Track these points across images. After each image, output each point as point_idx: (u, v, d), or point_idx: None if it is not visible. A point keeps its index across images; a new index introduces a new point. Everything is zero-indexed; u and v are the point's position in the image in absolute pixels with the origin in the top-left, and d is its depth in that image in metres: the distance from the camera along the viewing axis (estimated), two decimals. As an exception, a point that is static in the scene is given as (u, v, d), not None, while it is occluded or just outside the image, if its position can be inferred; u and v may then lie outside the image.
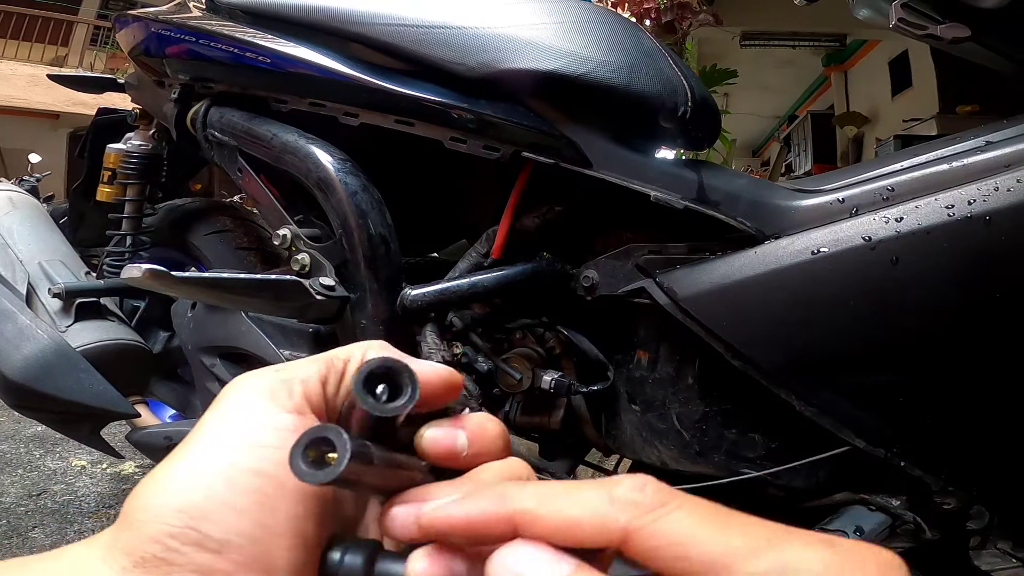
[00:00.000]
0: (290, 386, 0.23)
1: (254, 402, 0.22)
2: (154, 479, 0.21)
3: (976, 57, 0.66)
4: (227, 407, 0.23)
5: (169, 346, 1.13)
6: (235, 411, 0.22)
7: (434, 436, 0.22)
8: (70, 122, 7.76)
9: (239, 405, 0.23)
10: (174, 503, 0.20)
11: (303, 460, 0.19)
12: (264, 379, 0.23)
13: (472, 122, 0.69)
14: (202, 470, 0.21)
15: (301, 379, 0.23)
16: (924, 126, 4.44)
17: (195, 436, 0.22)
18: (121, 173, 1.09)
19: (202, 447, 0.22)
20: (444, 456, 0.22)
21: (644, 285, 0.65)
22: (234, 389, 0.23)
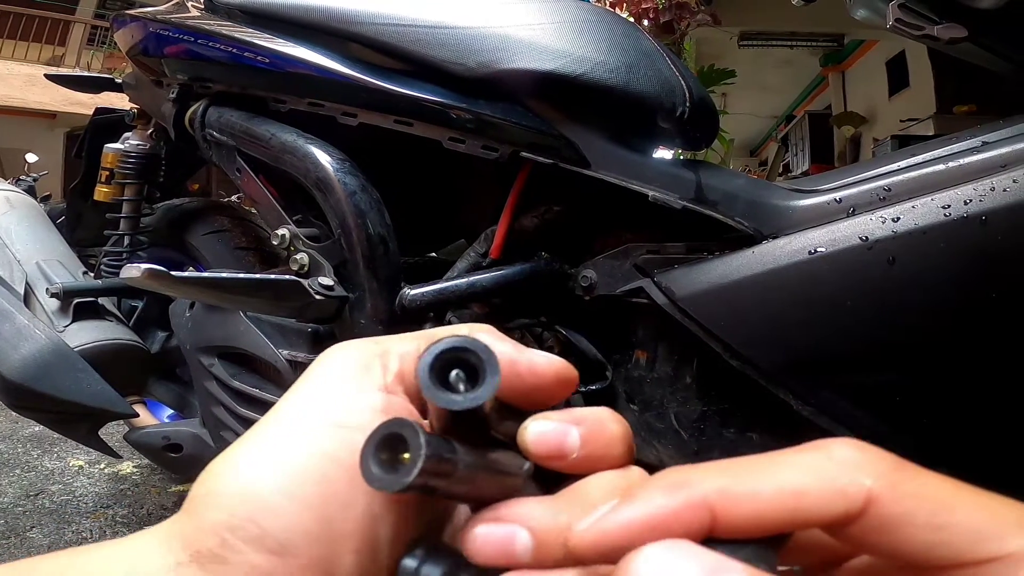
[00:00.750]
0: (386, 360, 0.20)
1: (344, 374, 0.20)
2: (224, 459, 0.19)
3: (973, 57, 0.67)
4: (314, 378, 0.20)
5: (167, 346, 1.13)
6: (321, 383, 0.20)
7: (540, 431, 0.18)
8: (67, 122, 7.75)
9: (327, 377, 0.20)
10: (238, 489, 0.18)
11: (375, 460, 0.16)
12: (359, 349, 0.20)
13: (471, 122, 0.69)
14: (273, 451, 0.19)
15: (399, 353, 0.20)
16: (921, 126, 4.45)
17: (276, 411, 0.20)
18: (119, 173, 1.09)
19: (278, 424, 0.19)
20: (550, 455, 0.18)
21: (642, 285, 0.66)
22: (326, 358, 0.21)
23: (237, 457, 0.19)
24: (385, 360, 0.20)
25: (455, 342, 0.17)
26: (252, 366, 0.85)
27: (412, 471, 0.16)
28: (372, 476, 0.16)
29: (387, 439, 0.17)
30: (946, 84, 4.38)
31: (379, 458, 0.16)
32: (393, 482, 0.16)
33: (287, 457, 0.18)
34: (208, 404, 0.88)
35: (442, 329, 0.21)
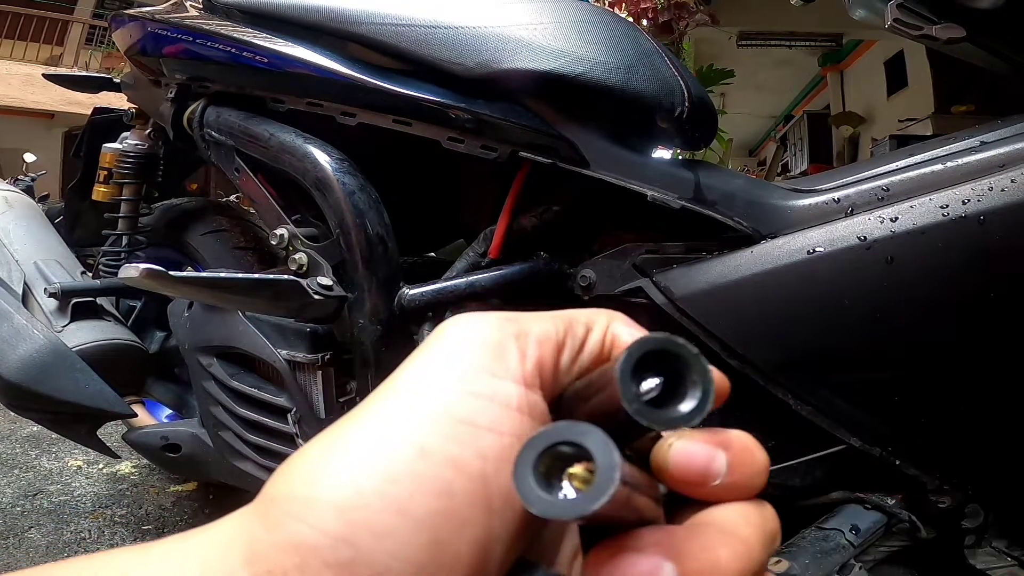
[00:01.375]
0: (523, 344, 0.17)
1: (473, 357, 0.16)
2: (315, 453, 0.15)
3: (971, 57, 0.67)
4: (436, 359, 0.16)
5: (165, 346, 1.13)
6: (444, 366, 0.16)
7: (687, 451, 0.16)
8: (65, 121, 7.73)
9: (452, 358, 0.16)
10: (335, 498, 0.14)
11: (535, 472, 0.13)
12: (493, 326, 0.17)
13: (470, 122, 0.69)
14: (381, 450, 0.15)
15: (539, 338, 0.17)
16: (920, 126, 4.45)
17: (383, 396, 0.16)
18: (117, 173, 1.09)
19: (387, 414, 0.15)
20: (692, 480, 0.16)
21: (641, 284, 0.66)
22: (450, 332, 0.17)
23: (333, 452, 0.15)
24: (523, 344, 0.17)
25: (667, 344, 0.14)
26: (251, 366, 0.85)
27: (601, 498, 0.12)
28: (534, 496, 0.13)
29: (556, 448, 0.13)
30: (944, 84, 4.39)
31: (537, 471, 0.13)
32: (569, 508, 0.12)
33: (398, 460, 0.15)
34: (207, 404, 0.88)
35: (579, 312, 0.18)
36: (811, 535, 0.62)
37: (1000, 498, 0.61)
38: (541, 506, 0.13)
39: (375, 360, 0.73)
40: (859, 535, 0.60)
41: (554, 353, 0.17)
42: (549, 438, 0.13)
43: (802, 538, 0.62)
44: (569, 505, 0.13)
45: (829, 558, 0.59)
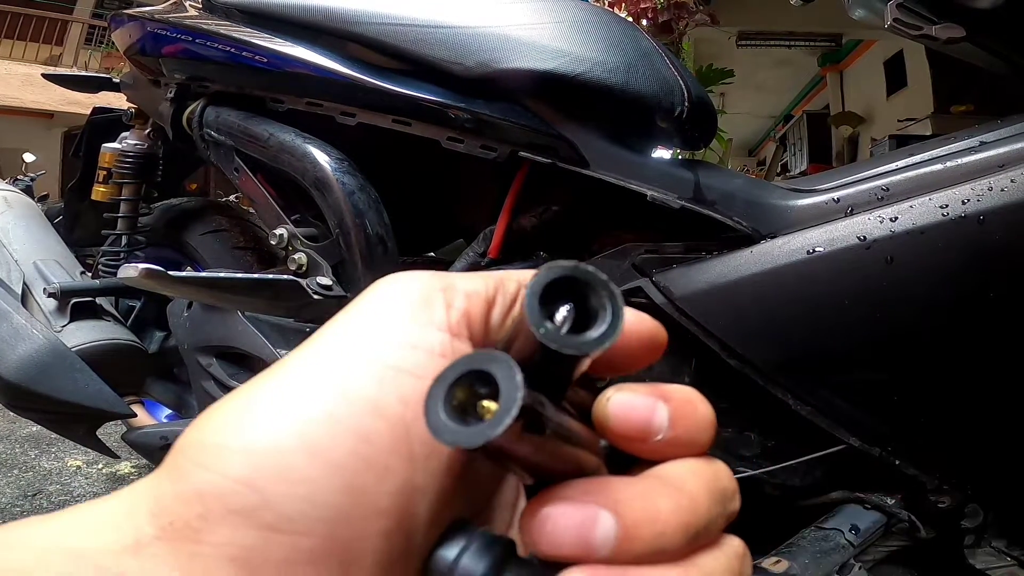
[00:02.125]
0: (451, 296, 0.17)
1: (399, 308, 0.16)
2: (231, 401, 0.15)
3: (971, 57, 0.67)
4: (362, 310, 0.16)
5: (165, 346, 1.13)
6: (370, 316, 0.16)
7: (626, 403, 0.15)
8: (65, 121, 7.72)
9: (378, 309, 0.16)
10: (243, 441, 0.14)
11: (445, 405, 0.13)
12: (420, 281, 0.17)
13: (469, 122, 0.69)
14: (300, 394, 0.14)
15: (466, 291, 0.17)
16: (919, 126, 4.46)
17: (308, 344, 0.16)
18: (117, 172, 1.09)
19: (309, 361, 0.15)
20: (633, 435, 0.16)
21: (641, 284, 0.66)
22: (378, 287, 0.17)
23: (248, 399, 0.15)
24: (450, 296, 0.17)
25: (575, 271, 0.14)
26: (250, 366, 0.85)
27: (502, 422, 0.12)
28: (442, 426, 0.12)
29: (468, 376, 0.13)
30: (944, 84, 4.39)
31: (451, 401, 0.13)
32: (473, 435, 0.12)
33: (317, 402, 0.14)
34: (206, 404, 0.88)
35: (512, 271, 0.18)
36: (811, 535, 0.62)
37: (1000, 498, 0.61)
38: (447, 435, 0.12)
39: (375, 360, 0.73)
40: (859, 535, 0.60)
41: (483, 307, 0.17)
42: (459, 368, 0.13)
43: (802, 538, 0.62)
44: (473, 432, 0.12)
45: (829, 558, 0.59)
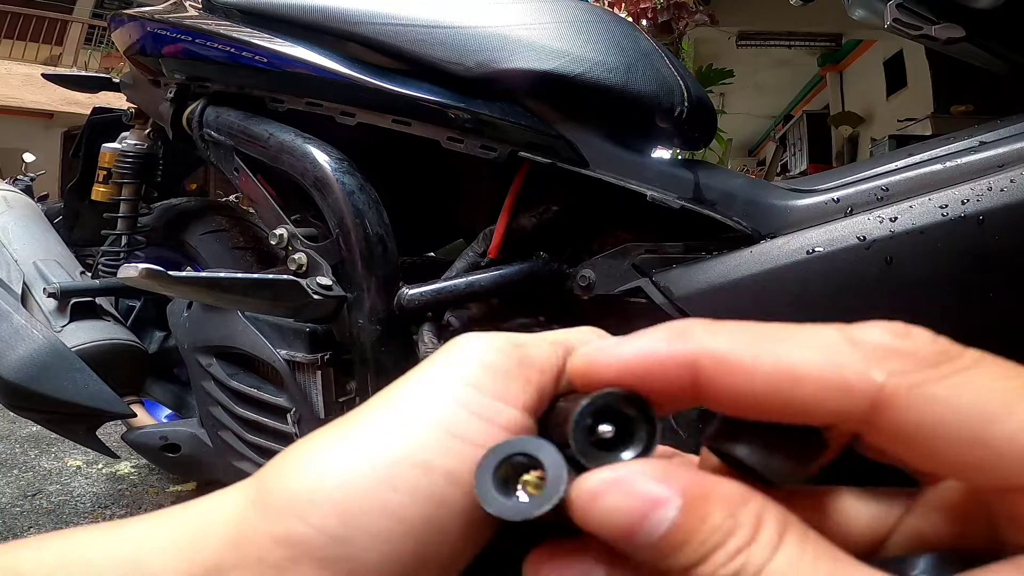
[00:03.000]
0: (528, 371, 0.17)
1: (481, 377, 0.17)
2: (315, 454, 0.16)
3: (970, 57, 0.67)
4: (444, 371, 0.17)
5: (165, 346, 1.13)
6: (452, 381, 0.16)
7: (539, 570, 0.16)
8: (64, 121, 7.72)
9: (460, 374, 0.17)
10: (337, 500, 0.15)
11: (493, 479, 0.15)
12: (499, 351, 0.17)
13: (469, 122, 0.69)
14: (387, 459, 0.15)
15: (541, 366, 0.17)
16: (919, 126, 4.46)
17: (390, 400, 0.17)
18: (116, 172, 1.09)
19: (393, 422, 0.16)
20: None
21: (641, 284, 0.66)
22: (463, 350, 0.17)
23: (337, 453, 0.16)
24: (527, 371, 0.17)
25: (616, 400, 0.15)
26: (250, 366, 0.85)
27: (547, 504, 0.14)
28: (491, 498, 0.15)
29: (516, 456, 0.15)
30: (944, 84, 4.39)
31: (496, 475, 0.15)
32: (517, 511, 0.14)
33: (402, 471, 0.15)
34: (206, 404, 0.88)
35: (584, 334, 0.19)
36: (810, 535, 0.62)
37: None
38: (495, 506, 0.14)
39: (374, 360, 0.73)
40: (858, 535, 0.60)
41: (554, 380, 0.18)
42: (508, 449, 0.15)
43: (801, 538, 0.62)
44: (519, 508, 0.14)
45: (828, 558, 0.59)
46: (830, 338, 0.13)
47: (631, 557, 0.14)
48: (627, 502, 0.14)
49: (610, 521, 0.14)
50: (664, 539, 0.13)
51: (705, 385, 0.14)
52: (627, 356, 0.15)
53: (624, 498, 0.14)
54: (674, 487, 0.13)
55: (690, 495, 0.13)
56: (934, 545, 0.15)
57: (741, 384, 0.13)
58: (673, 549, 0.13)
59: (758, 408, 0.13)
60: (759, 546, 0.13)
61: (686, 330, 0.14)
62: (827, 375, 0.12)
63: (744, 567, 0.13)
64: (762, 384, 0.13)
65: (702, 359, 0.14)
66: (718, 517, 0.13)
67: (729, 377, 0.13)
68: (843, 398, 0.12)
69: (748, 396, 0.13)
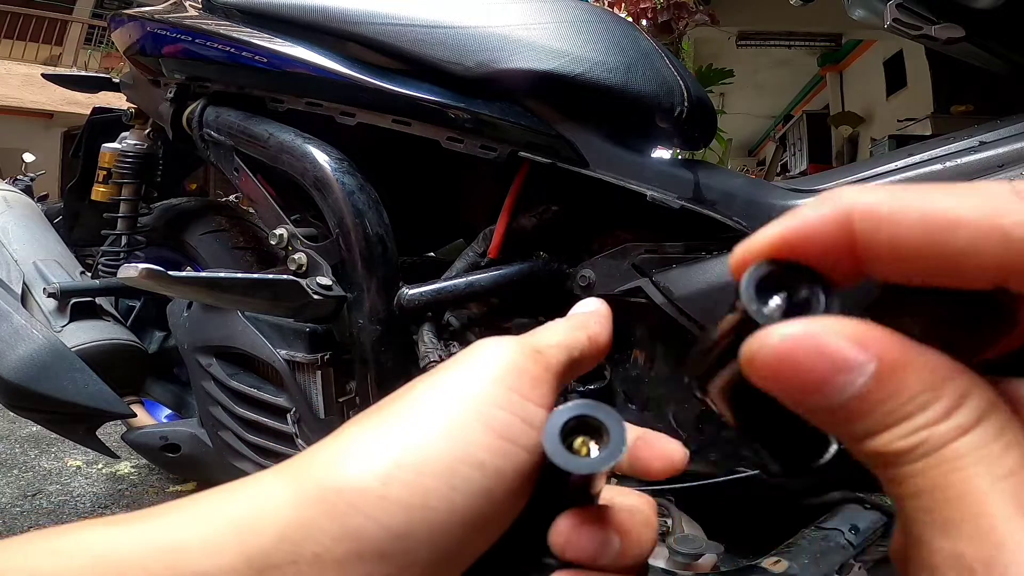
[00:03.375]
0: (552, 375, 0.19)
1: (513, 380, 0.18)
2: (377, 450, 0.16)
3: (970, 57, 0.67)
4: (480, 373, 0.18)
5: (165, 346, 1.13)
6: (491, 383, 0.18)
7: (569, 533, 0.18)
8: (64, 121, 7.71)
9: (495, 376, 0.18)
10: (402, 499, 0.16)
11: (561, 435, 0.16)
12: (527, 356, 0.19)
13: (469, 122, 0.69)
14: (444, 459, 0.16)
15: (560, 369, 0.20)
16: (919, 126, 4.45)
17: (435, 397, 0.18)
18: (116, 172, 1.09)
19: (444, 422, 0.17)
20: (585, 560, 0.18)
21: (640, 284, 0.66)
22: (491, 354, 0.19)
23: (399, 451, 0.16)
24: (550, 375, 0.19)
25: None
26: (250, 366, 0.85)
27: (610, 461, 0.16)
28: (568, 459, 0.16)
29: (578, 419, 0.17)
30: (943, 84, 4.39)
31: (562, 435, 0.17)
32: (584, 465, 0.16)
33: (460, 471, 0.16)
34: (206, 404, 0.88)
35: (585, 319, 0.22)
36: (811, 535, 0.62)
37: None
38: (567, 462, 0.16)
39: (374, 360, 0.73)
40: (859, 535, 0.60)
41: (570, 372, 0.20)
42: (574, 411, 0.17)
43: (802, 538, 0.62)
44: (587, 463, 0.16)
45: (829, 558, 0.59)
46: (993, 189, 0.12)
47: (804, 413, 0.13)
48: (815, 360, 0.13)
49: (791, 379, 0.13)
50: (848, 403, 0.12)
51: (861, 242, 0.13)
52: (784, 229, 0.14)
53: (812, 356, 0.13)
54: (871, 349, 0.13)
55: (887, 361, 0.12)
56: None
57: (896, 235, 0.12)
58: (855, 416, 0.13)
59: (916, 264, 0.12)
60: (948, 424, 0.12)
61: (835, 194, 0.14)
62: (984, 220, 0.12)
63: (924, 442, 0.12)
64: (917, 232, 0.12)
65: (855, 213, 0.13)
66: (915, 387, 0.12)
67: (882, 228, 0.13)
68: (1002, 245, 0.12)
69: (903, 247, 0.12)
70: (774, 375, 0.13)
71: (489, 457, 0.17)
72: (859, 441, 0.13)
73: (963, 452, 0.12)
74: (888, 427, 0.12)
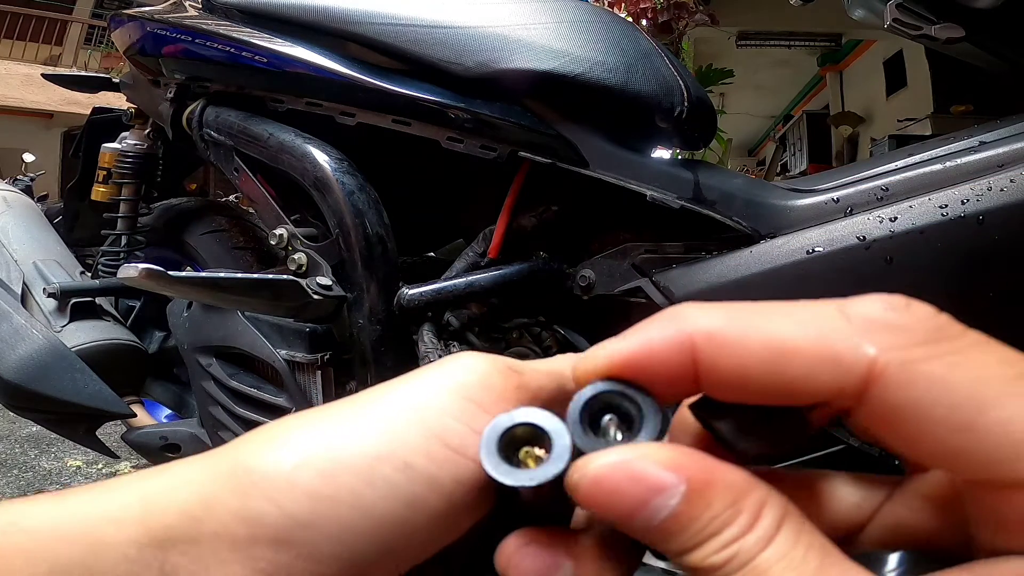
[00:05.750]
0: (522, 396, 0.18)
1: (476, 392, 0.17)
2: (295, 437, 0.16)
3: (970, 57, 0.67)
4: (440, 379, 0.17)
5: (165, 346, 1.13)
6: (447, 390, 0.17)
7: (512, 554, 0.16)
8: (64, 121, 7.72)
9: (456, 384, 0.17)
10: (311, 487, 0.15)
11: (499, 446, 0.15)
12: (497, 371, 0.18)
13: (469, 122, 0.69)
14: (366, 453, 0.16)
15: (534, 394, 0.18)
16: (918, 126, 4.45)
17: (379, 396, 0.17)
18: (116, 172, 1.09)
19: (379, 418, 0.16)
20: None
21: (641, 284, 0.66)
22: (460, 364, 0.18)
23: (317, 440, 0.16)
24: (522, 395, 0.18)
25: (614, 388, 0.15)
26: (250, 366, 0.85)
27: (554, 469, 0.14)
28: (500, 467, 0.15)
29: (520, 427, 0.15)
30: (943, 84, 4.39)
31: (500, 446, 0.15)
32: (526, 477, 0.14)
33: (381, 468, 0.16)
34: (206, 404, 0.88)
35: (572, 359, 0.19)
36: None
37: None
38: (500, 472, 0.15)
39: (374, 360, 0.73)
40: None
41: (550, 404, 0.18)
42: (516, 418, 0.15)
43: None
44: (521, 476, 0.15)
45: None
46: (824, 312, 0.13)
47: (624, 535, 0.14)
48: (630, 486, 0.13)
49: (611, 503, 0.14)
50: (663, 524, 0.13)
51: (702, 366, 0.14)
52: (625, 349, 0.15)
53: (628, 482, 0.13)
54: (680, 473, 0.13)
55: (694, 482, 0.13)
56: (912, 535, 0.15)
57: (733, 361, 0.13)
58: (670, 534, 0.13)
59: (753, 388, 0.13)
60: (753, 536, 0.13)
61: (679, 313, 0.14)
62: (818, 348, 0.12)
63: (736, 556, 0.13)
64: (754, 360, 0.13)
65: (696, 337, 0.14)
66: (719, 506, 0.13)
67: (722, 355, 0.13)
68: (833, 372, 0.12)
69: (741, 373, 0.13)
70: (596, 500, 0.14)
71: (421, 462, 0.16)
72: (680, 556, 0.13)
73: (772, 562, 0.13)
74: (701, 542, 0.13)
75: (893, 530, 0.16)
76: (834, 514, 0.16)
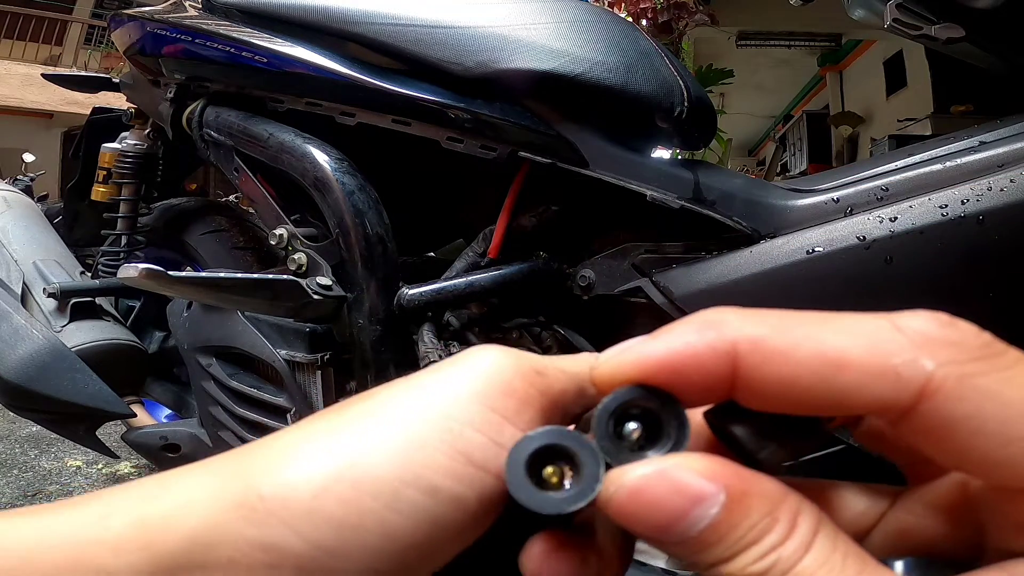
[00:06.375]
0: (545, 399, 0.17)
1: (500, 403, 0.16)
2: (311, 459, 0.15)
3: (970, 57, 0.67)
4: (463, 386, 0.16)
5: (164, 346, 1.13)
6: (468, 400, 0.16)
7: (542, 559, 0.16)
8: (64, 121, 7.72)
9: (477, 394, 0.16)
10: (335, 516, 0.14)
11: (526, 468, 0.14)
12: (519, 373, 0.17)
13: (469, 122, 0.69)
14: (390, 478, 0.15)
15: (555, 399, 0.17)
16: (918, 126, 4.45)
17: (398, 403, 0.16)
18: (116, 172, 1.09)
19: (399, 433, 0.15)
20: None
21: (640, 284, 0.66)
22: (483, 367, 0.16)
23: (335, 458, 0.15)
24: (544, 401, 0.17)
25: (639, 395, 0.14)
26: (250, 366, 0.85)
27: (581, 500, 0.14)
28: (531, 493, 0.14)
29: (549, 448, 0.14)
30: (943, 84, 4.39)
31: (527, 467, 0.14)
32: (559, 503, 0.14)
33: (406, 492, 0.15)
34: (206, 404, 0.88)
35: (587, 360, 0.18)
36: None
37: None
38: (531, 499, 0.14)
39: (374, 360, 0.73)
40: (858, 535, 0.60)
41: (562, 413, 0.18)
42: (543, 439, 0.14)
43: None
44: (553, 501, 0.14)
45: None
46: (877, 325, 0.13)
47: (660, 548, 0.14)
48: (670, 497, 0.13)
49: (648, 515, 0.13)
50: (702, 535, 0.13)
51: (744, 375, 0.13)
52: (657, 352, 0.14)
53: (667, 493, 0.13)
54: (718, 482, 0.13)
55: (733, 491, 0.13)
56: (917, 542, 0.15)
57: (782, 371, 0.13)
58: (708, 544, 0.13)
59: (799, 399, 0.13)
60: (792, 544, 0.13)
61: (718, 319, 0.14)
62: (873, 360, 0.12)
63: (775, 565, 0.13)
64: (804, 370, 0.13)
65: (741, 345, 0.13)
66: (757, 514, 0.13)
67: (770, 364, 0.13)
68: (890, 385, 0.12)
69: (789, 384, 0.13)
70: (631, 512, 0.13)
71: (448, 483, 0.15)
72: (716, 567, 0.13)
73: (813, 568, 0.12)
74: (740, 551, 0.13)
75: (897, 537, 0.16)
76: (840, 522, 0.16)
